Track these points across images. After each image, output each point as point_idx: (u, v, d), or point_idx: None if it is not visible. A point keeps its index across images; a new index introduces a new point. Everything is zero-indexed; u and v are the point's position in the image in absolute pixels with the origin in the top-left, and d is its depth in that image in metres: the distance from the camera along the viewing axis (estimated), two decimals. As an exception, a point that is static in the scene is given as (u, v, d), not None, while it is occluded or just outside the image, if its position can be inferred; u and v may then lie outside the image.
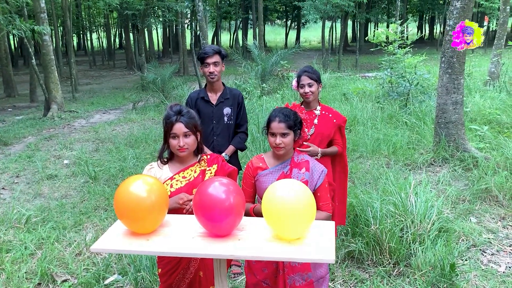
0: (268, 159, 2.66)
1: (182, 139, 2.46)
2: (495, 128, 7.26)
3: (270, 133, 2.56)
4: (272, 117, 2.56)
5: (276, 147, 2.53)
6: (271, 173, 2.59)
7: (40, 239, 4.41)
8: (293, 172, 2.57)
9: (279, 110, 2.59)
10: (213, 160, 2.64)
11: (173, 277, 2.56)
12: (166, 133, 2.52)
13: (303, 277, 2.50)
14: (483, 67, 14.30)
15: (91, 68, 27.95)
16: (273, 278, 2.54)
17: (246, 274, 2.69)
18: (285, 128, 2.50)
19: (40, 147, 8.36)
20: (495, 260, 3.85)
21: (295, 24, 42.69)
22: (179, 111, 2.50)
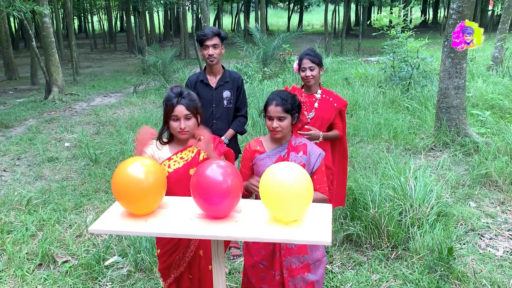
0: (266, 142, 2.65)
1: (183, 122, 2.44)
2: (497, 113, 7.23)
3: (267, 116, 2.54)
4: (270, 100, 2.53)
5: (273, 130, 2.52)
6: (268, 157, 2.58)
7: (41, 220, 4.44)
8: (291, 156, 2.56)
9: (276, 93, 2.57)
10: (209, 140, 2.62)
11: (173, 257, 2.58)
12: (166, 114, 2.48)
13: (299, 260, 2.52)
14: (487, 51, 14.18)
15: (92, 51, 27.82)
16: (270, 259, 2.55)
17: (244, 256, 2.71)
18: (282, 111, 2.48)
19: (41, 129, 8.36)
20: (493, 244, 3.87)
21: (298, 7, 42.26)
22: (180, 93, 2.47)
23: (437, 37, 20.87)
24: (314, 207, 2.09)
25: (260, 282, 2.59)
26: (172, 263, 2.59)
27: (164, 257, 2.60)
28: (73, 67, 15.77)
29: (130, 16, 24.91)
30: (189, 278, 2.65)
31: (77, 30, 41.84)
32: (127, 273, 3.58)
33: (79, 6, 30.98)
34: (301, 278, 2.51)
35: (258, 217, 2.00)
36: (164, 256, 2.60)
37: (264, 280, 2.59)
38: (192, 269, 2.63)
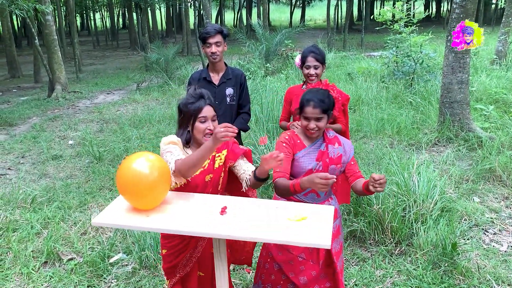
0: (302, 136, 2.61)
1: (211, 123, 2.41)
2: (501, 107, 7.20)
3: (303, 116, 2.50)
4: (306, 101, 2.49)
5: (310, 131, 2.50)
6: (308, 154, 2.55)
7: (46, 218, 4.47)
8: (329, 149, 2.55)
9: (313, 94, 2.52)
10: (223, 145, 2.55)
11: (180, 257, 2.52)
12: (190, 117, 2.41)
13: (337, 242, 2.58)
14: (491, 45, 14.10)
15: (95, 48, 27.86)
16: (308, 251, 2.56)
17: (274, 252, 2.65)
18: (320, 112, 2.46)
19: (44, 127, 8.39)
20: (497, 240, 3.86)
21: (300, 2, 42.12)
22: (203, 94, 2.44)
23: (441, 32, 20.78)
24: (316, 209, 2.09)
25: (298, 275, 2.58)
26: (179, 263, 2.53)
27: (170, 257, 2.53)
28: (75, 65, 15.80)
29: (132, 13, 24.91)
30: (199, 277, 2.59)
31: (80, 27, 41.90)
32: (132, 270, 3.60)
33: (81, 3, 30.98)
34: (341, 259, 2.63)
35: (259, 217, 2.01)
36: (170, 257, 2.53)
37: (303, 272, 2.58)
38: (203, 267, 2.58)
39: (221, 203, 2.12)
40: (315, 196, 2.56)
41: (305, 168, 2.51)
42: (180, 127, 2.49)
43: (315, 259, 2.57)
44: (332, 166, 2.52)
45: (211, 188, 2.49)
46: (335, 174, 2.49)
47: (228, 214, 2.03)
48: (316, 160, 2.52)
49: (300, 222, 1.94)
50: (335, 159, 2.54)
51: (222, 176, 2.53)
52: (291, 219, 1.97)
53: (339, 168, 2.56)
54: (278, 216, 2.00)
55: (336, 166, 2.53)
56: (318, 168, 2.51)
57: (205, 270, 2.59)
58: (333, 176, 2.17)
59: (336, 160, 2.54)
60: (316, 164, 2.51)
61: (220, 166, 2.51)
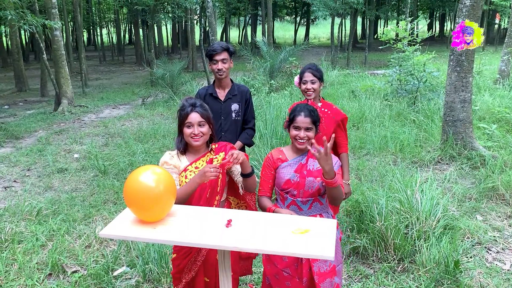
0: (287, 151, 2.72)
1: (196, 128, 2.56)
2: (503, 126, 7.24)
3: (294, 126, 2.61)
4: (297, 111, 2.61)
5: (299, 141, 2.59)
6: (290, 165, 2.64)
7: (50, 231, 4.50)
8: (309, 162, 2.63)
9: (303, 106, 2.66)
10: (220, 148, 2.72)
11: (186, 261, 2.64)
12: (181, 123, 2.61)
13: (326, 263, 2.58)
14: (494, 65, 14.20)
15: (101, 63, 28.14)
16: (294, 267, 2.58)
17: (264, 266, 2.73)
18: (310, 122, 2.58)
19: (50, 141, 8.47)
20: (500, 258, 3.87)
21: (305, 20, 42.57)
22: (194, 103, 2.62)
23: (444, 51, 20.93)
24: (318, 221, 2.13)
25: None
26: (184, 267, 2.65)
27: (177, 260, 2.66)
28: (82, 79, 15.98)
29: (138, 29, 25.26)
30: (205, 282, 2.69)
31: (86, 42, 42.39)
32: (136, 284, 3.61)
33: (89, 19, 31.42)
34: (329, 281, 2.58)
35: (264, 230, 2.05)
36: (177, 260, 2.66)
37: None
38: (208, 272, 2.68)
39: (226, 216, 2.16)
40: (297, 209, 2.61)
41: (284, 178, 2.61)
42: (178, 134, 2.68)
43: (300, 276, 2.58)
44: (310, 179, 2.58)
45: (210, 189, 2.61)
46: (314, 188, 2.57)
47: (233, 227, 2.07)
48: (294, 171, 2.60)
49: (303, 234, 1.98)
50: (314, 172, 2.59)
51: (220, 179, 2.64)
52: (295, 232, 2.00)
53: (319, 181, 2.58)
54: (282, 229, 2.04)
55: (315, 179, 2.58)
56: (295, 180, 2.58)
57: (210, 275, 2.68)
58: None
59: (315, 173, 2.59)
60: (294, 175, 2.59)
61: None
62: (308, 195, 2.60)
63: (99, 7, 32.40)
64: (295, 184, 2.60)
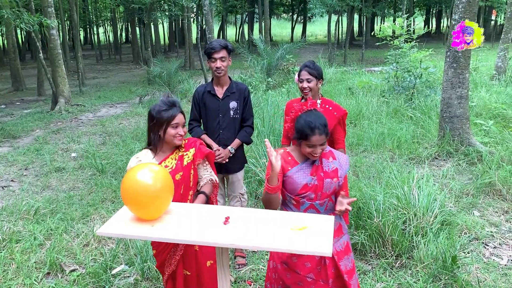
0: (295, 153, 2.59)
1: (181, 128, 2.64)
2: (500, 122, 7.26)
3: (307, 144, 2.45)
4: (311, 130, 2.42)
5: (314, 156, 2.47)
6: (302, 169, 2.52)
7: (48, 230, 4.50)
8: (323, 162, 2.55)
9: (316, 119, 2.45)
10: (191, 144, 2.76)
11: (164, 255, 2.72)
12: (162, 124, 2.62)
13: (349, 260, 2.57)
14: (490, 61, 14.23)
15: (98, 62, 28.07)
16: (316, 270, 2.52)
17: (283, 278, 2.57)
18: (325, 137, 2.46)
19: (48, 140, 8.46)
20: (497, 253, 3.89)
21: (301, 18, 42.54)
22: (175, 102, 2.66)
23: (440, 47, 20.96)
24: (316, 218, 2.14)
25: None
26: (164, 261, 2.73)
27: (158, 256, 2.76)
28: (79, 78, 15.94)
29: (135, 27, 25.18)
30: (185, 275, 2.76)
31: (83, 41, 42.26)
32: (134, 282, 3.62)
33: (85, 18, 31.29)
34: (355, 278, 2.59)
35: (261, 227, 2.06)
36: (158, 256, 2.76)
37: None
38: (187, 265, 2.75)
39: (224, 213, 2.17)
40: (315, 212, 2.52)
41: (300, 183, 2.49)
42: (151, 133, 2.70)
43: (325, 279, 2.52)
44: (328, 180, 2.51)
45: (183, 184, 2.66)
46: (331, 188, 2.51)
47: (231, 224, 2.07)
48: (310, 175, 2.50)
49: (301, 231, 1.99)
50: (330, 173, 2.53)
51: (192, 174, 2.71)
52: (293, 229, 2.01)
53: (336, 182, 2.54)
54: (279, 226, 2.05)
55: (332, 180, 2.52)
56: (313, 183, 2.49)
57: (190, 268, 2.75)
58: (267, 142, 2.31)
59: (332, 174, 2.53)
60: (310, 179, 2.49)
61: (189, 163, 2.70)
62: (325, 197, 2.53)
63: (95, 5, 32.28)
64: (313, 188, 2.50)
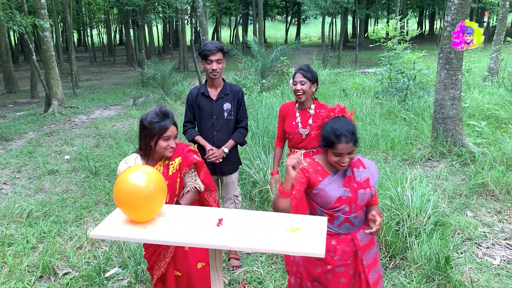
0: (324, 163, 2.45)
1: (173, 140, 2.61)
2: (493, 123, 7.31)
3: (334, 153, 2.33)
4: (337, 137, 2.29)
5: (341, 164, 2.35)
6: (334, 181, 2.39)
7: (41, 233, 4.47)
8: (355, 172, 2.43)
9: (342, 126, 2.32)
10: (178, 152, 2.71)
11: (154, 257, 2.71)
12: (154, 135, 2.57)
13: (375, 271, 2.48)
14: (483, 63, 14.32)
15: (92, 64, 27.96)
16: (350, 285, 2.46)
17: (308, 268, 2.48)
18: (352, 146, 2.31)
19: (41, 142, 8.41)
20: (490, 253, 3.91)
21: (295, 20, 42.62)
22: (167, 113, 2.61)
23: (434, 49, 21.06)
24: (309, 220, 2.14)
25: None
26: (154, 264, 2.72)
27: (148, 258, 2.76)
28: (72, 80, 15.87)
29: (129, 29, 25.13)
30: (176, 277, 2.75)
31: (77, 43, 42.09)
32: (128, 285, 3.60)
33: (79, 19, 31.17)
34: (374, 271, 2.49)
35: (255, 228, 2.06)
36: (148, 258, 2.76)
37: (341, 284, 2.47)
38: (178, 266, 2.73)
39: (217, 215, 2.16)
40: (350, 226, 2.42)
41: (334, 196, 2.35)
42: (142, 143, 2.66)
43: (355, 269, 2.45)
44: (361, 191, 2.39)
45: (169, 192, 2.63)
46: (365, 199, 2.41)
47: (224, 226, 2.07)
48: (343, 186, 2.38)
49: (295, 232, 1.99)
50: (363, 183, 2.41)
51: (178, 182, 2.69)
52: (286, 230, 2.01)
53: (369, 192, 2.42)
54: (273, 227, 2.05)
55: (365, 191, 2.40)
56: (347, 195, 2.37)
57: (181, 269, 2.75)
58: (299, 156, 2.20)
59: (364, 184, 2.41)
60: (344, 191, 2.37)
61: (174, 173, 2.67)
62: (359, 208, 2.42)
63: (89, 7, 32.16)
64: (347, 200, 2.37)
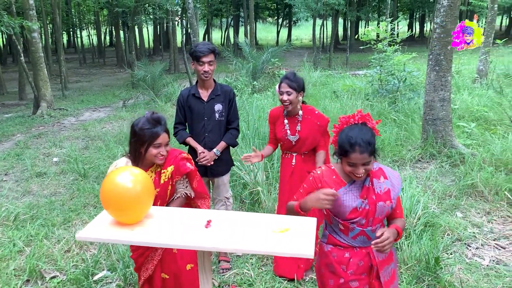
0: (341, 172, 2.31)
1: (164, 148, 2.55)
2: (482, 125, 7.36)
3: (348, 162, 2.17)
4: (350, 146, 2.13)
5: (356, 175, 2.20)
6: (351, 191, 2.25)
7: (28, 236, 4.41)
8: (374, 183, 2.27)
9: (358, 134, 2.17)
10: (170, 160, 2.64)
11: (142, 259, 2.67)
12: (144, 142, 2.52)
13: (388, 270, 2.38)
14: (472, 65, 14.44)
15: (81, 65, 27.77)
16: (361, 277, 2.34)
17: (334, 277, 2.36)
18: (368, 157, 2.14)
19: (29, 145, 8.31)
20: (479, 254, 3.92)
21: (287, 22, 42.74)
22: (159, 120, 2.56)
23: (424, 51, 21.20)
24: (298, 220, 2.12)
25: None
26: (141, 265, 2.68)
27: (135, 260, 2.72)
28: (61, 82, 15.73)
29: (119, 31, 25.02)
30: (163, 279, 2.70)
31: (66, 45, 41.77)
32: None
33: (68, 21, 30.93)
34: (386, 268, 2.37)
35: (244, 230, 2.03)
36: (135, 259, 2.72)
37: None
38: (165, 268, 2.69)
39: (205, 217, 2.14)
40: (366, 239, 2.29)
41: (350, 206, 2.23)
42: (132, 148, 2.60)
43: None
44: (381, 203, 2.24)
45: (160, 200, 2.61)
46: (384, 212, 2.27)
47: (212, 227, 2.05)
48: (360, 198, 2.24)
49: (283, 233, 1.97)
50: (383, 195, 2.25)
51: (169, 189, 2.66)
52: (275, 231, 1.99)
53: (389, 205, 2.26)
54: (262, 229, 2.03)
55: (385, 203, 2.24)
56: (364, 207, 2.23)
57: (168, 272, 2.70)
58: (338, 194, 2.06)
59: (384, 196, 2.26)
60: (361, 202, 2.24)
61: (166, 181, 2.63)
62: (377, 222, 2.28)
63: (78, 9, 31.94)
64: (364, 212, 2.23)
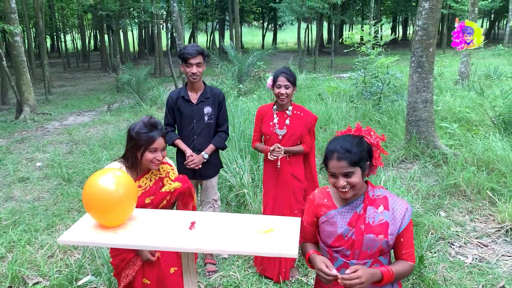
0: (335, 194, 2.09)
1: (160, 153, 2.52)
2: (464, 125, 7.47)
3: (329, 173, 1.98)
4: (329, 152, 1.97)
5: (341, 190, 1.97)
6: (340, 215, 2.02)
7: (11, 242, 4.34)
8: (368, 211, 1.98)
9: (338, 142, 1.99)
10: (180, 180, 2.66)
11: (123, 264, 2.63)
12: (141, 146, 2.50)
13: None
14: (454, 67, 14.66)
15: (65, 70, 27.44)
16: None
17: None
18: (348, 166, 1.92)
19: (11, 150, 8.18)
20: (462, 252, 3.98)
21: (272, 25, 42.89)
22: (156, 125, 2.53)
23: (407, 54, 21.46)
24: (283, 220, 2.13)
25: None
26: (122, 271, 2.63)
27: (116, 265, 2.67)
28: (45, 86, 15.51)
29: (104, 35, 24.79)
30: (144, 285, 2.64)
31: (50, 49, 41.28)
32: (101, 293, 3.52)
33: (52, 25, 30.56)
34: None
35: (228, 230, 2.04)
36: (116, 265, 2.67)
37: None
38: (147, 273, 2.63)
39: (189, 218, 2.13)
40: None
41: (334, 232, 2.00)
42: (128, 152, 2.57)
43: None
44: (370, 236, 1.95)
45: (151, 207, 2.57)
46: (375, 248, 1.97)
47: (196, 229, 2.04)
48: (348, 225, 1.99)
49: (268, 233, 1.97)
50: (375, 227, 1.96)
51: (166, 200, 2.60)
52: (259, 231, 2.00)
53: (383, 240, 1.95)
54: (246, 229, 2.03)
55: (376, 237, 1.95)
56: (349, 236, 1.98)
57: (150, 277, 2.66)
58: (338, 276, 1.82)
59: (378, 229, 1.96)
60: (347, 230, 1.99)
61: (167, 192, 2.59)
62: (366, 257, 1.98)
63: (62, 12, 31.61)
64: (349, 242, 1.98)
